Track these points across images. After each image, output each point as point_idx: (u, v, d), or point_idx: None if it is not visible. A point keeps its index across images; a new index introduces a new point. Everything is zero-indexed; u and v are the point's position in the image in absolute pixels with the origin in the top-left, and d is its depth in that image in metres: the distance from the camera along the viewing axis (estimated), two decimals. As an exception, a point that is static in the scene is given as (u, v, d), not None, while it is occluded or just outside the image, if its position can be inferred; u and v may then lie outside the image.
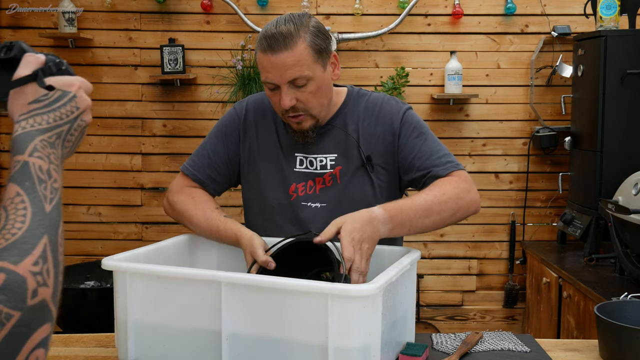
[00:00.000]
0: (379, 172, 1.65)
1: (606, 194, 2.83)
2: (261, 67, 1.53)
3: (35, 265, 0.73)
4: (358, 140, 1.65)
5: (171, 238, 1.57)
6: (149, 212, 3.59)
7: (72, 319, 2.92)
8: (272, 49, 1.49)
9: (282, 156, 1.67)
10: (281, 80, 1.51)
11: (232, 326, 1.24)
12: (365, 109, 1.68)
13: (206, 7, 3.43)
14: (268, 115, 1.71)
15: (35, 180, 0.79)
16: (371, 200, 1.61)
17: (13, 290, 0.70)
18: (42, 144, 0.83)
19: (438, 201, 1.49)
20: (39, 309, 0.72)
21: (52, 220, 0.79)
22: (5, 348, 0.68)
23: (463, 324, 3.61)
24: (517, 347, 1.48)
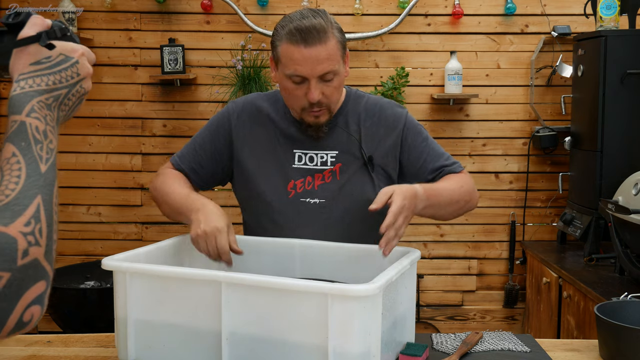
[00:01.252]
0: (379, 172, 1.66)
1: (606, 194, 2.83)
2: (289, 59, 1.52)
3: (26, 225, 0.75)
4: (360, 140, 1.66)
5: (171, 238, 1.57)
6: (149, 212, 3.59)
7: (72, 319, 2.92)
8: (305, 42, 1.50)
9: (279, 153, 1.67)
10: (312, 74, 1.52)
11: (232, 326, 1.24)
12: (366, 110, 1.70)
13: (206, 7, 3.43)
14: (263, 114, 1.72)
15: (32, 141, 0.80)
16: (370, 200, 1.60)
17: (3, 252, 0.72)
18: (39, 105, 0.83)
19: (459, 192, 1.61)
20: (30, 268, 0.74)
21: (47, 180, 0.80)
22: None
23: (463, 324, 3.61)
24: (517, 347, 1.48)
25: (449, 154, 1.73)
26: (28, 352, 1.47)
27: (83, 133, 3.52)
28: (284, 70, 1.55)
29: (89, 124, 3.53)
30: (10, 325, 0.73)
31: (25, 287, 0.73)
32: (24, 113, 0.81)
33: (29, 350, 1.48)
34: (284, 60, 1.54)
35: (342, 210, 1.64)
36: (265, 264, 1.58)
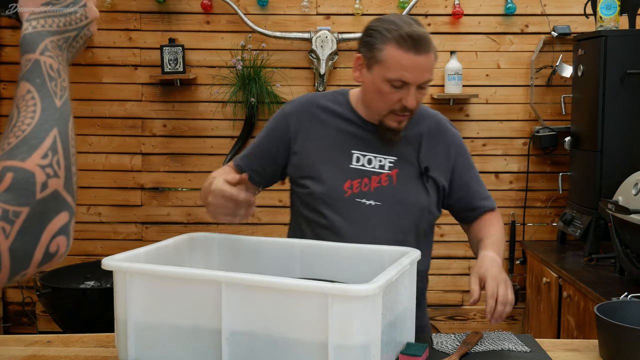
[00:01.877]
0: (432, 184, 1.70)
1: (606, 194, 2.83)
2: (397, 64, 1.54)
3: (44, 158, 0.76)
4: (419, 150, 1.70)
5: (171, 238, 1.57)
6: (149, 212, 3.59)
7: (72, 319, 2.92)
8: (416, 49, 1.53)
9: (337, 153, 1.69)
10: (416, 81, 1.55)
11: (232, 326, 1.24)
12: (430, 126, 1.74)
13: (206, 7, 3.43)
14: (323, 113, 1.73)
15: (46, 77, 0.82)
16: (424, 207, 1.69)
17: (20, 187, 0.73)
18: (52, 44, 0.85)
19: (504, 237, 1.77)
20: (51, 200, 0.75)
21: (63, 115, 0.81)
22: (22, 241, 0.72)
23: (463, 324, 3.61)
24: (517, 347, 1.48)
25: None
26: (28, 352, 1.47)
27: (83, 133, 3.52)
28: (386, 74, 1.56)
29: (89, 124, 3.53)
30: (38, 257, 0.75)
31: (47, 219, 0.75)
32: (38, 51, 0.83)
33: (29, 350, 1.48)
34: (390, 64, 1.55)
35: (395, 214, 1.66)
36: (265, 264, 1.58)
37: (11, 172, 0.74)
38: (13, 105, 0.81)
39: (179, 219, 3.59)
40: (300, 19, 3.47)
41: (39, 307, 3.54)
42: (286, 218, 3.57)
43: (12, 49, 3.51)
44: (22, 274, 0.74)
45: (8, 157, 0.75)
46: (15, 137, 0.77)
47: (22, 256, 0.73)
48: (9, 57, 3.52)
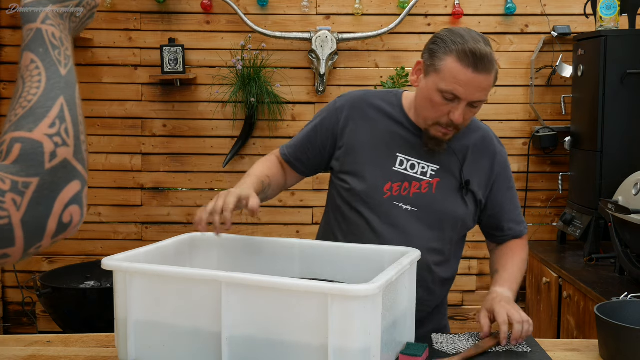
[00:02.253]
0: (471, 198, 1.70)
1: (606, 194, 2.83)
2: (453, 77, 1.53)
3: (51, 127, 0.75)
4: (463, 163, 1.69)
5: (171, 238, 1.57)
6: (149, 212, 3.59)
7: (72, 319, 2.92)
8: (476, 68, 1.51)
9: (382, 153, 1.68)
10: (467, 98, 1.54)
11: (232, 326, 1.24)
12: (477, 141, 1.73)
13: (206, 7, 3.43)
14: (373, 111, 1.73)
15: (49, 46, 0.81)
16: (459, 219, 1.69)
17: (29, 158, 0.72)
18: (53, 13, 0.84)
19: (523, 269, 1.75)
20: (60, 169, 0.74)
21: (69, 83, 0.80)
22: (34, 212, 0.71)
23: (463, 324, 3.61)
24: (517, 347, 1.48)
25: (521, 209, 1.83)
26: (28, 352, 1.47)
27: (83, 133, 3.51)
28: (440, 84, 1.55)
29: (89, 124, 3.53)
30: (52, 228, 0.74)
31: (58, 189, 0.74)
32: (39, 20, 0.82)
33: (29, 350, 1.48)
34: (446, 75, 1.54)
35: (430, 222, 1.66)
36: (265, 264, 1.58)
37: (19, 143, 0.73)
38: (17, 75, 0.81)
39: (179, 219, 3.59)
40: (300, 19, 3.47)
41: (39, 307, 3.54)
42: (286, 218, 3.59)
43: (12, 48, 3.51)
44: (36, 246, 0.73)
45: (15, 128, 0.75)
46: (21, 108, 0.76)
47: (35, 228, 0.72)
48: (9, 57, 3.52)
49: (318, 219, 3.54)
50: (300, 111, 3.52)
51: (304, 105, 3.52)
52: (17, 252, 0.72)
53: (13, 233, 0.71)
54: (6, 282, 3.62)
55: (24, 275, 3.56)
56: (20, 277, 3.54)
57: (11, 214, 0.70)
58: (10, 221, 0.70)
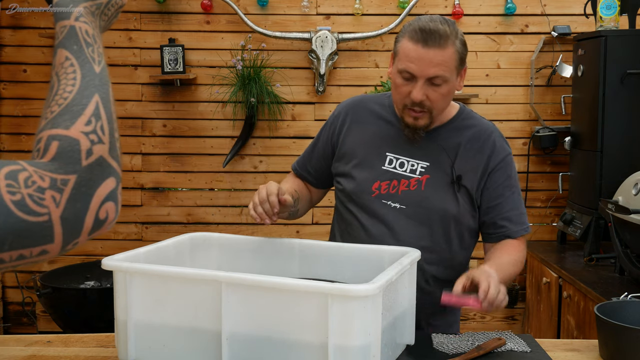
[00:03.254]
0: (464, 193, 1.67)
1: (606, 194, 2.83)
2: (404, 55, 1.57)
3: (87, 125, 0.76)
4: (454, 159, 1.67)
5: (171, 238, 1.57)
6: (149, 212, 3.59)
7: (72, 319, 2.92)
8: (425, 42, 1.54)
9: (372, 154, 1.70)
10: (421, 74, 1.56)
11: (232, 326, 1.24)
12: (472, 136, 1.71)
13: (206, 7, 3.43)
14: (367, 113, 1.76)
15: (83, 44, 0.82)
16: (450, 216, 1.66)
17: (66, 156, 0.74)
18: (85, 10, 0.86)
19: (516, 269, 1.66)
20: (96, 167, 0.76)
21: (103, 80, 0.82)
22: (72, 209, 0.73)
23: (463, 324, 3.61)
24: (517, 347, 1.48)
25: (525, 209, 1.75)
26: (28, 352, 1.47)
27: (83, 133, 3.51)
28: (398, 65, 1.60)
29: (89, 124, 3.52)
30: (89, 225, 0.75)
31: (95, 185, 0.75)
32: (73, 17, 0.83)
33: (29, 350, 1.48)
34: (401, 56, 1.59)
35: (419, 219, 1.65)
36: (265, 264, 1.58)
37: (56, 141, 0.74)
38: (52, 72, 0.81)
39: (179, 219, 3.59)
40: (300, 19, 3.47)
41: (39, 307, 3.54)
42: (286, 218, 3.58)
43: (12, 48, 3.51)
44: (74, 242, 0.75)
45: (52, 125, 0.76)
46: (57, 106, 0.77)
47: (73, 224, 0.73)
48: (9, 57, 3.52)
49: (318, 219, 3.55)
50: (300, 111, 3.52)
51: (304, 105, 3.52)
52: (56, 248, 0.73)
53: (52, 230, 0.72)
54: (6, 282, 3.62)
55: (24, 275, 3.56)
56: (20, 277, 3.54)
57: (51, 210, 0.72)
58: (50, 218, 0.71)
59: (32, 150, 0.77)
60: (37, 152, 0.75)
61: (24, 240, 0.71)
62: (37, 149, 0.75)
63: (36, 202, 0.71)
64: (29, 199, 0.70)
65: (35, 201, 0.71)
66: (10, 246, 0.70)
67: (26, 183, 0.71)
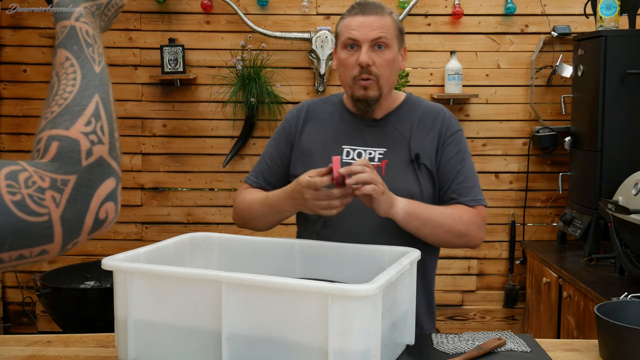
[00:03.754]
0: (424, 171, 1.70)
1: (606, 194, 2.83)
2: (346, 27, 1.66)
3: (87, 125, 0.77)
4: (409, 139, 1.71)
5: (171, 238, 1.57)
6: (149, 212, 3.59)
7: (72, 319, 2.92)
8: (363, 12, 1.65)
9: (329, 150, 1.72)
10: (365, 38, 1.63)
11: (232, 326, 1.24)
12: (423, 114, 1.76)
13: (206, 7, 3.43)
14: (316, 114, 1.80)
15: (83, 44, 0.83)
16: (415, 194, 1.67)
17: (66, 156, 0.74)
18: (85, 11, 0.86)
19: (452, 220, 1.62)
20: (96, 167, 0.76)
21: (103, 80, 0.82)
22: (72, 209, 0.73)
23: (463, 324, 3.61)
24: (517, 347, 1.48)
25: (479, 185, 1.74)
26: (28, 352, 1.47)
27: (83, 133, 3.51)
28: (340, 41, 1.67)
29: (89, 124, 3.52)
30: (89, 224, 0.75)
31: (95, 186, 0.76)
32: (73, 18, 0.84)
33: (29, 350, 1.48)
34: (341, 32, 1.67)
35: None
36: (265, 264, 1.58)
37: (56, 141, 0.75)
38: (52, 72, 0.82)
39: (179, 219, 3.59)
40: (300, 19, 3.47)
41: (39, 307, 3.54)
42: (286, 218, 3.57)
43: (12, 48, 3.51)
44: (73, 242, 0.75)
45: (52, 126, 0.76)
46: (57, 106, 0.78)
47: (73, 224, 0.74)
48: (9, 57, 3.52)
49: (318, 219, 3.54)
50: (300, 111, 3.52)
51: (304, 105, 3.52)
52: (56, 248, 0.74)
53: (52, 230, 0.72)
54: (6, 282, 3.62)
55: (24, 275, 3.56)
56: (20, 277, 3.54)
57: (51, 211, 0.72)
58: (50, 218, 0.72)
59: (32, 151, 0.77)
60: (37, 153, 0.75)
61: (24, 240, 0.71)
62: (37, 149, 0.76)
63: (36, 202, 0.71)
64: (29, 199, 0.71)
65: (35, 201, 0.71)
66: (10, 246, 0.70)
67: (26, 183, 0.71)
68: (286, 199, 1.60)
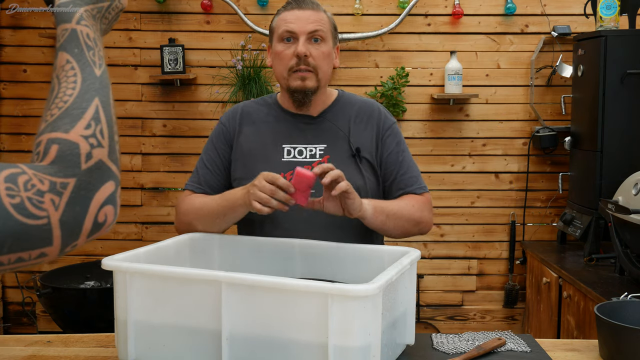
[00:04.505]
0: (366, 165, 1.73)
1: (606, 194, 2.83)
2: (282, 21, 1.68)
3: (87, 128, 0.77)
4: (348, 134, 1.73)
5: (171, 238, 1.57)
6: (149, 212, 3.59)
7: (72, 319, 2.92)
8: (299, 6, 1.68)
9: (268, 150, 1.72)
10: (302, 30, 1.66)
11: (232, 326, 1.24)
12: (358, 109, 1.78)
13: (206, 7, 3.43)
14: (252, 116, 1.79)
15: (84, 47, 0.83)
16: (360, 188, 1.67)
17: (65, 159, 0.74)
18: (86, 14, 0.86)
19: (408, 209, 1.67)
20: (96, 170, 0.76)
21: (103, 83, 0.82)
22: (71, 212, 0.73)
23: (463, 324, 3.61)
24: (517, 347, 1.48)
25: (420, 172, 1.79)
26: (28, 352, 1.47)
27: (83, 133, 3.51)
28: (277, 34, 1.69)
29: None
30: (88, 227, 0.76)
31: (94, 189, 0.76)
32: (74, 21, 0.84)
33: (29, 350, 1.48)
34: (277, 25, 1.69)
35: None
36: (265, 264, 1.58)
37: (56, 144, 0.75)
38: (53, 75, 0.82)
39: (179, 219, 3.58)
40: (300, 19, 3.46)
41: (39, 307, 3.54)
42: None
43: (12, 48, 3.51)
44: (72, 245, 0.75)
45: (52, 129, 0.76)
46: (57, 109, 0.78)
47: (72, 227, 0.74)
48: (9, 57, 3.52)
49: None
50: (300, 111, 3.52)
51: (304, 105, 3.52)
52: (55, 251, 0.74)
53: (51, 233, 0.72)
54: (6, 282, 3.62)
55: (24, 275, 3.56)
56: (20, 277, 3.54)
57: (50, 214, 0.72)
58: (49, 221, 0.72)
59: (32, 153, 0.77)
60: (36, 155, 0.76)
61: (23, 243, 0.71)
62: (36, 152, 0.76)
63: (35, 205, 0.71)
64: (28, 202, 0.71)
65: (34, 204, 0.71)
66: (9, 249, 0.70)
67: (25, 186, 0.71)
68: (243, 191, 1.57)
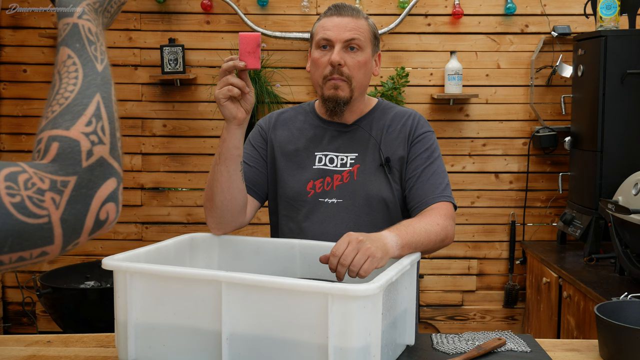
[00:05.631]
0: (396, 174, 1.69)
1: (606, 194, 2.83)
2: (321, 28, 1.67)
3: (88, 125, 0.76)
4: (380, 143, 1.70)
5: (171, 238, 1.57)
6: (149, 212, 3.59)
7: (72, 319, 2.92)
8: (339, 13, 1.67)
9: (302, 157, 1.73)
10: (338, 38, 1.64)
11: (232, 326, 1.24)
12: (393, 118, 1.75)
13: (206, 7, 3.43)
14: (288, 122, 1.79)
15: (86, 42, 0.83)
16: (387, 198, 1.67)
17: (66, 157, 0.74)
18: (88, 8, 0.86)
19: (434, 230, 1.53)
20: (97, 168, 0.76)
21: (105, 79, 0.82)
22: (72, 210, 0.73)
23: (463, 324, 3.61)
24: (517, 347, 1.48)
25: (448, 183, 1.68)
26: (28, 352, 1.47)
27: (83, 133, 3.51)
28: (315, 41, 1.68)
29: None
30: (89, 225, 0.75)
31: (95, 187, 0.75)
32: (76, 15, 0.84)
33: (29, 350, 1.48)
34: (316, 32, 1.69)
35: (359, 209, 1.67)
36: (265, 264, 1.58)
37: (56, 142, 0.74)
38: (54, 70, 0.81)
39: (179, 219, 3.59)
40: (300, 19, 3.47)
41: (39, 307, 3.54)
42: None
43: (12, 48, 3.51)
44: (74, 243, 0.75)
45: (52, 126, 0.76)
46: (58, 105, 0.77)
47: (73, 226, 0.73)
48: (9, 57, 3.52)
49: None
50: (300, 111, 3.52)
51: (304, 105, 3.52)
52: (56, 250, 0.74)
53: (52, 231, 0.72)
54: (6, 282, 3.62)
55: (24, 275, 3.56)
56: (20, 277, 3.54)
57: (51, 212, 0.71)
58: (50, 220, 0.71)
59: (33, 151, 0.77)
60: (37, 153, 0.75)
61: (24, 242, 0.70)
62: (37, 150, 0.75)
63: (36, 204, 0.71)
64: (28, 201, 0.70)
65: (34, 203, 0.71)
66: (10, 248, 0.70)
67: (26, 185, 0.71)
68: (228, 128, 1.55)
